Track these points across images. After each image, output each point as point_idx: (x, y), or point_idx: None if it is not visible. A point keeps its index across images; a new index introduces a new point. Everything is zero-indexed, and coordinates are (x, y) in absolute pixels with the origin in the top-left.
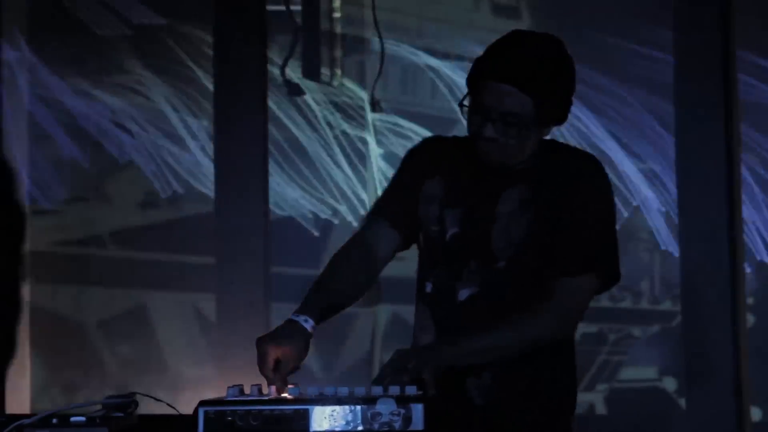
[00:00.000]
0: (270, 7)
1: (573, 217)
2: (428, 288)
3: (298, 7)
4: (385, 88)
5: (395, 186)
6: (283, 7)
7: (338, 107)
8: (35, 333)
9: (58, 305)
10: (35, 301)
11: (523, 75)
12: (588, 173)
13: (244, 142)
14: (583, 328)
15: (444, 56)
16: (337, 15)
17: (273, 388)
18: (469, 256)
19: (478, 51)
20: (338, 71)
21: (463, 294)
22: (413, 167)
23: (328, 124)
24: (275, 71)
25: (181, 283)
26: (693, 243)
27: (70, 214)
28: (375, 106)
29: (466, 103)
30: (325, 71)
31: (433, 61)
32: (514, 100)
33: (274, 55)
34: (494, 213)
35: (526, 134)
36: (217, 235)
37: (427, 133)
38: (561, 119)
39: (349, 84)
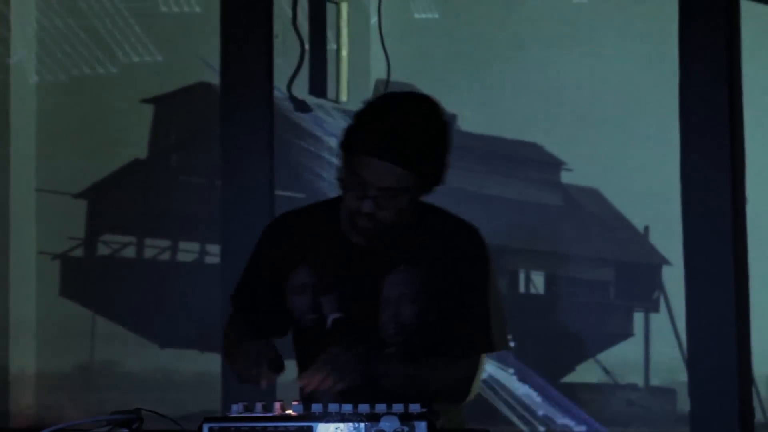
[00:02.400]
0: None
1: (468, 300)
2: None
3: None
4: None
5: (255, 279)
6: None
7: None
8: (41, 342)
9: (66, 312)
10: (41, 306)
11: (401, 151)
12: (475, 252)
13: (251, 161)
14: None
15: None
16: (344, 31)
17: (277, 404)
18: (356, 341)
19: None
20: (345, 87)
21: None
22: (273, 257)
23: (334, 138)
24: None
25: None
26: (696, 244)
27: (79, 213)
28: None
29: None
30: (331, 88)
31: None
32: (393, 176)
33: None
34: (379, 296)
35: (405, 204)
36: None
37: None
38: (438, 182)
39: (356, 100)
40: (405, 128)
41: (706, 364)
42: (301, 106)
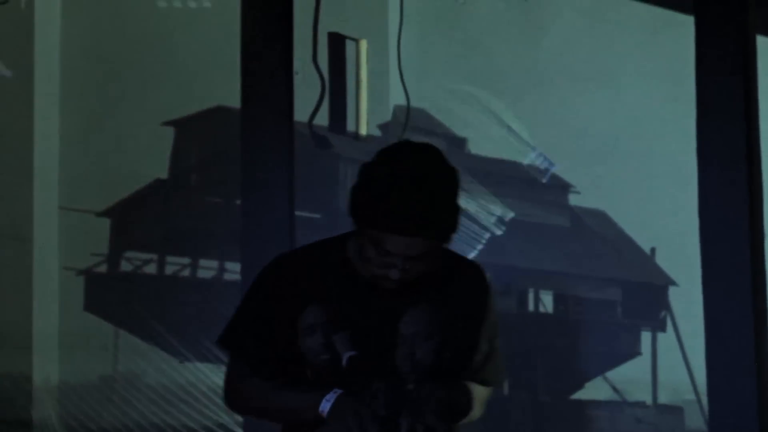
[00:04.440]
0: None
1: (481, 336)
2: None
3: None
4: None
5: (255, 321)
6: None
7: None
8: (65, 355)
9: (90, 326)
10: (66, 320)
11: (426, 225)
12: (484, 287)
13: (271, 194)
14: None
15: None
16: (363, 68)
17: None
18: (372, 378)
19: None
20: (365, 122)
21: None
22: (279, 299)
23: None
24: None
25: None
26: (714, 253)
27: (102, 231)
28: None
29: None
30: (351, 125)
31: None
32: (419, 246)
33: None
34: (396, 334)
35: (430, 262)
36: (243, 280)
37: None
38: (456, 230)
39: (375, 136)
40: (422, 198)
41: (726, 384)
42: (322, 143)
